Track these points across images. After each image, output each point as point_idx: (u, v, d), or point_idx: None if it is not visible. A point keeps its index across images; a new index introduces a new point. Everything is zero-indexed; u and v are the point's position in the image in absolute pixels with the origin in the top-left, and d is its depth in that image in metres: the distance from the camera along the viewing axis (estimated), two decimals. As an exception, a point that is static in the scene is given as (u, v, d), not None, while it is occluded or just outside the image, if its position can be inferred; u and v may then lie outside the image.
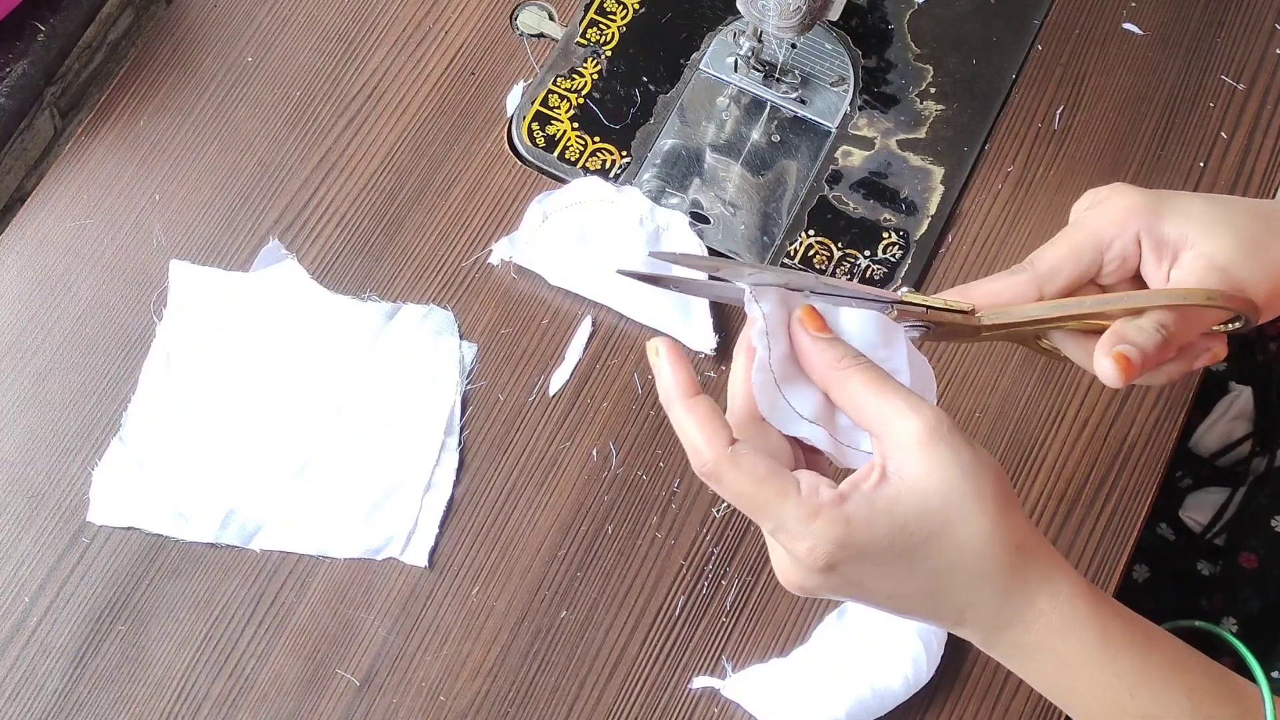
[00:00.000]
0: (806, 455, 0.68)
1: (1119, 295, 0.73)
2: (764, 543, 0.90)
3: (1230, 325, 0.75)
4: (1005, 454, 0.92)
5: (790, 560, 0.64)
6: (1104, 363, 0.71)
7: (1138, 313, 0.72)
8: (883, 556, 0.63)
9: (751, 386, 0.66)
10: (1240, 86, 1.03)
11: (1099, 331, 0.73)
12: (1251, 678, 0.70)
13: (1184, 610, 1.11)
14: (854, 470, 0.65)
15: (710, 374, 0.94)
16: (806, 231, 0.97)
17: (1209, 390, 1.18)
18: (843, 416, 0.67)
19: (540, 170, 0.99)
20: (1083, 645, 0.66)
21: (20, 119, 1.03)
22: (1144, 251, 0.74)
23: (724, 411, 0.65)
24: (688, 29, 1.04)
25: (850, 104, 1.01)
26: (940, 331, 0.72)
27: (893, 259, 0.97)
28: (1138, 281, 0.76)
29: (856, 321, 0.67)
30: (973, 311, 0.72)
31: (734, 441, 0.64)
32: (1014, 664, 0.68)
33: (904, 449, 0.64)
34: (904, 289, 0.71)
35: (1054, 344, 0.76)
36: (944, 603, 0.65)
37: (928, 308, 0.70)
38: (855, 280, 0.68)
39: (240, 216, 0.98)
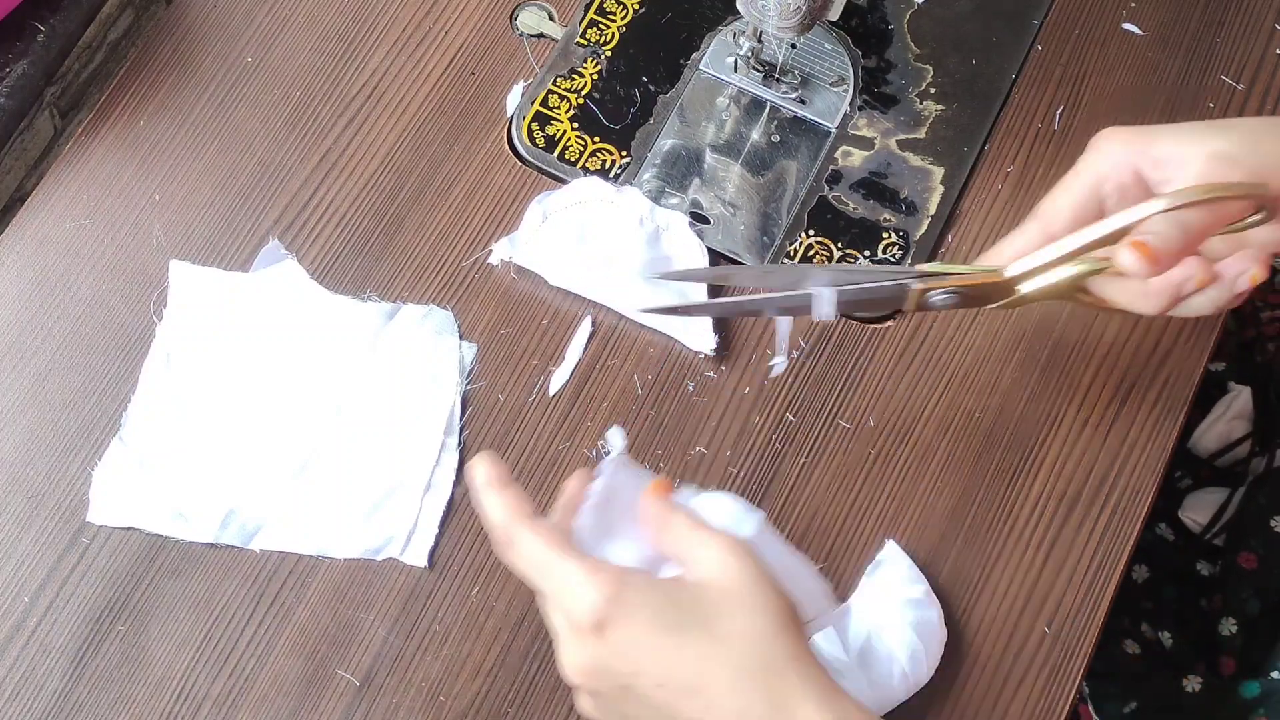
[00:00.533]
0: None
1: (1129, 210, 0.73)
2: (764, 543, 0.90)
3: (1252, 218, 0.75)
4: (1005, 454, 0.92)
5: (568, 627, 0.67)
6: (1125, 254, 0.71)
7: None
8: (651, 623, 0.65)
9: (513, 500, 0.70)
10: (1240, 86, 1.03)
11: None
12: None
13: (1184, 610, 1.11)
14: None
15: (710, 374, 0.94)
16: (806, 231, 0.97)
17: (1208, 390, 1.18)
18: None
19: (540, 170, 0.99)
20: None
21: (20, 119, 1.03)
22: (1145, 175, 0.76)
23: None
24: (688, 29, 1.04)
25: (850, 104, 1.01)
26: (973, 294, 0.73)
27: (893, 259, 0.97)
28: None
29: (717, 510, 0.72)
30: (997, 270, 0.73)
31: (536, 514, 0.69)
32: None
33: (698, 560, 0.67)
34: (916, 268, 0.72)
35: (1095, 294, 0.77)
36: (716, 701, 0.65)
37: (949, 274, 0.71)
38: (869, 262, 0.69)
39: (240, 216, 0.98)
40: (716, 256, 0.96)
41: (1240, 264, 0.77)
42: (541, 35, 1.04)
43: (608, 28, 1.04)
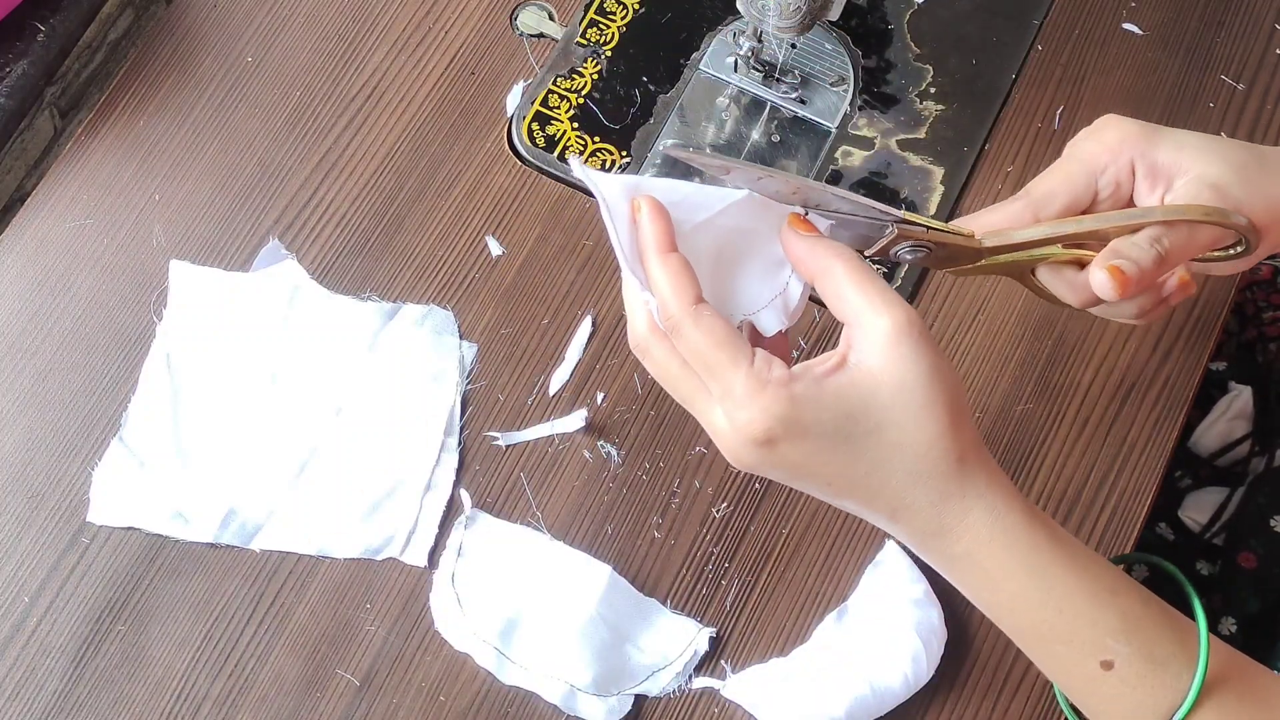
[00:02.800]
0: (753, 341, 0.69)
1: (1117, 213, 0.73)
2: (763, 543, 0.90)
3: (1231, 250, 0.75)
4: (1005, 454, 0.92)
5: (731, 430, 0.65)
6: (1099, 275, 0.71)
7: (1136, 230, 0.72)
8: (821, 440, 0.64)
9: (676, 276, 0.65)
10: (1240, 86, 1.03)
11: (1086, 265, 0.74)
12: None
13: (1182, 610, 1.11)
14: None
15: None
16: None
17: (1209, 390, 1.18)
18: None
19: (540, 170, 0.99)
20: (1012, 560, 0.66)
21: (20, 119, 1.03)
22: (1138, 178, 0.75)
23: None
24: (688, 29, 1.04)
25: (850, 104, 1.01)
26: (942, 254, 0.72)
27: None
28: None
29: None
30: (973, 235, 0.73)
31: (700, 301, 0.64)
32: (944, 573, 0.69)
33: (869, 342, 0.64)
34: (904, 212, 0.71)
35: (1043, 282, 0.77)
36: (879, 496, 0.66)
37: (929, 228, 0.70)
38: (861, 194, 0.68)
39: (240, 216, 0.98)
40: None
41: (1173, 274, 0.77)
42: (541, 35, 1.04)
43: (608, 28, 1.04)
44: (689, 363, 0.66)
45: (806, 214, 0.69)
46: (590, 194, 0.71)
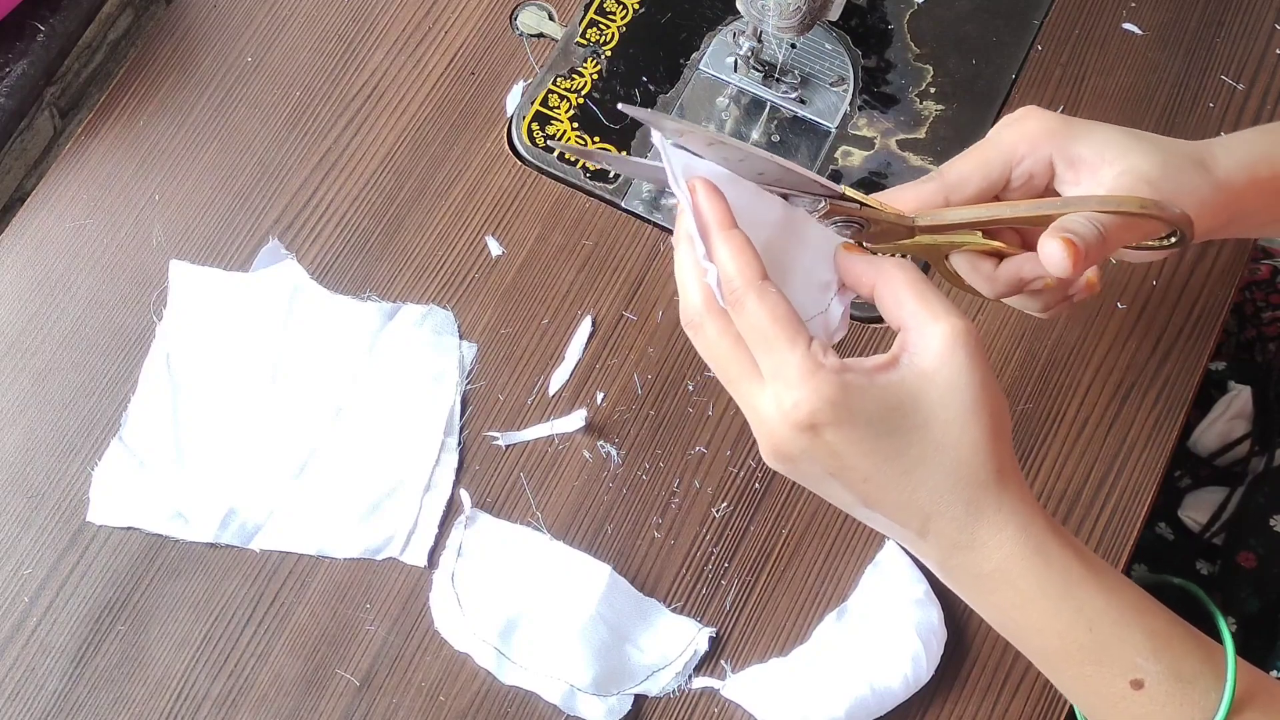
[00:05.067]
0: None
1: (1054, 200, 0.73)
2: (763, 543, 0.90)
3: (1166, 241, 0.75)
4: (1005, 454, 0.92)
5: (777, 412, 0.64)
6: (1051, 245, 0.70)
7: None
8: (867, 430, 0.64)
9: (741, 250, 0.66)
10: (1240, 86, 1.03)
11: (998, 257, 0.74)
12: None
13: (1183, 610, 1.11)
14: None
15: (710, 373, 0.94)
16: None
17: (1208, 390, 1.18)
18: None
19: (540, 170, 0.99)
20: (1044, 579, 0.66)
21: (20, 119, 1.03)
22: (1058, 170, 0.75)
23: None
24: (688, 29, 1.04)
25: (850, 104, 1.01)
26: (873, 231, 0.72)
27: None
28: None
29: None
30: (904, 214, 0.73)
31: (766, 278, 0.65)
32: (969, 593, 0.68)
33: (924, 345, 0.65)
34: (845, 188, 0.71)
35: (956, 268, 0.77)
36: (913, 501, 0.65)
37: (863, 204, 0.71)
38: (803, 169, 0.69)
39: (240, 216, 0.98)
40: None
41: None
42: (541, 35, 1.04)
43: (608, 28, 1.04)
44: (745, 338, 0.66)
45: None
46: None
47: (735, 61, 1.02)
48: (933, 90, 1.02)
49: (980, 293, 0.77)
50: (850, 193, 0.70)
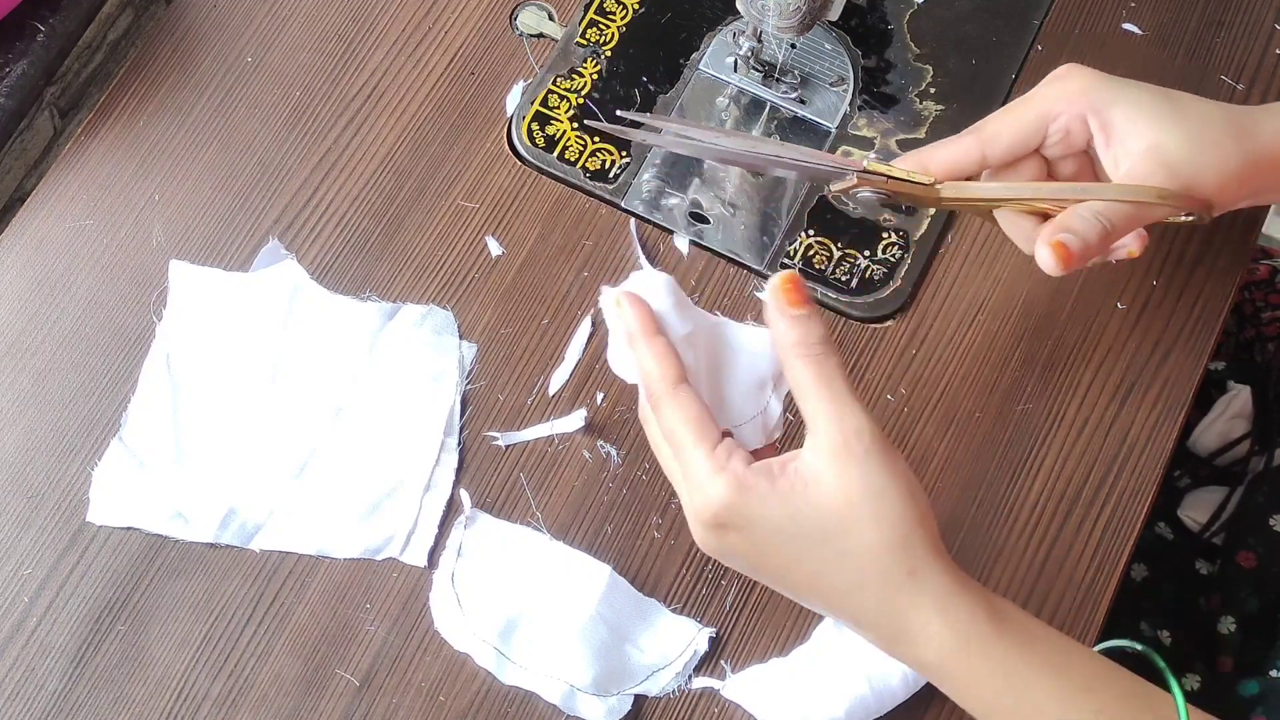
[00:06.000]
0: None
1: (1072, 185, 0.74)
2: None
3: (1184, 218, 0.75)
4: (1005, 454, 0.92)
5: (690, 511, 0.67)
6: (1043, 250, 0.72)
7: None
8: (770, 535, 0.65)
9: (659, 357, 0.70)
10: (1240, 87, 1.03)
11: (1043, 215, 0.75)
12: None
13: (1183, 609, 1.11)
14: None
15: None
16: (806, 231, 0.97)
17: (1208, 390, 1.18)
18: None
19: (540, 170, 0.99)
20: (981, 670, 0.67)
21: (20, 119, 1.03)
22: (1094, 131, 0.76)
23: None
24: (687, 29, 1.04)
25: (850, 104, 1.01)
26: (901, 198, 0.74)
27: (893, 259, 0.97)
28: (1083, 157, 0.76)
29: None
30: (934, 183, 0.74)
31: (681, 381, 0.68)
32: (922, 674, 0.69)
33: (821, 449, 0.66)
34: (871, 156, 0.73)
35: (1001, 224, 0.79)
36: (831, 600, 0.67)
37: (889, 177, 0.72)
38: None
39: (240, 216, 0.98)
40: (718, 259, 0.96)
41: (1124, 239, 0.77)
42: (541, 35, 1.04)
43: (607, 28, 1.04)
44: (666, 439, 0.69)
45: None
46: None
47: (735, 61, 1.02)
48: (933, 90, 1.02)
49: (1022, 249, 0.78)
50: (873, 166, 0.71)
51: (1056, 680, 0.67)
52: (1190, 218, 0.75)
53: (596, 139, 1.00)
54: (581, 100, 1.01)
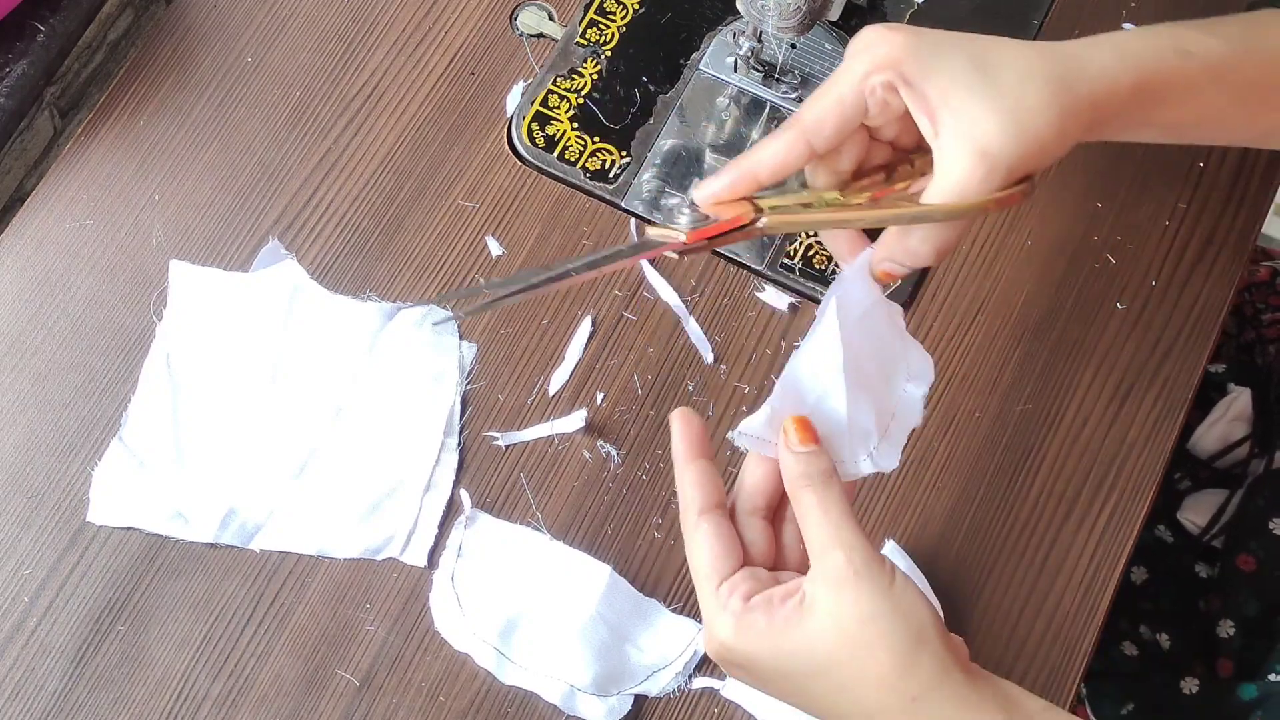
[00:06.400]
0: None
1: (895, 211, 0.71)
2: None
3: (1016, 187, 0.73)
4: (1005, 454, 0.92)
5: (704, 637, 0.68)
6: (871, 275, 0.72)
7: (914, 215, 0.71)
8: (770, 672, 0.66)
9: (691, 485, 0.69)
10: (1239, 87, 1.03)
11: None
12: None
13: (1182, 612, 1.11)
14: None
15: (710, 374, 0.94)
16: (806, 231, 0.97)
17: (1208, 392, 1.18)
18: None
19: (540, 170, 0.99)
20: None
21: (20, 119, 1.03)
22: (909, 104, 0.71)
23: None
24: (687, 29, 1.04)
25: (850, 105, 1.01)
26: (724, 242, 0.72)
27: (892, 259, 0.97)
28: (906, 120, 0.72)
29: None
30: (752, 221, 0.71)
31: (708, 510, 0.68)
32: None
33: (818, 576, 0.65)
34: (687, 213, 0.71)
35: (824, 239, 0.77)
36: None
37: (711, 237, 0.70)
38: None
39: (240, 216, 0.98)
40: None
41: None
42: (541, 35, 1.04)
43: (607, 28, 1.04)
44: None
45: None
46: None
47: (735, 61, 1.02)
48: (932, 91, 1.02)
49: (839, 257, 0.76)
50: (662, 234, 0.70)
51: None
52: (1021, 186, 0.73)
53: (596, 138, 1.00)
54: (581, 100, 1.01)
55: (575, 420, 0.92)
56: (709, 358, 0.94)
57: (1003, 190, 0.69)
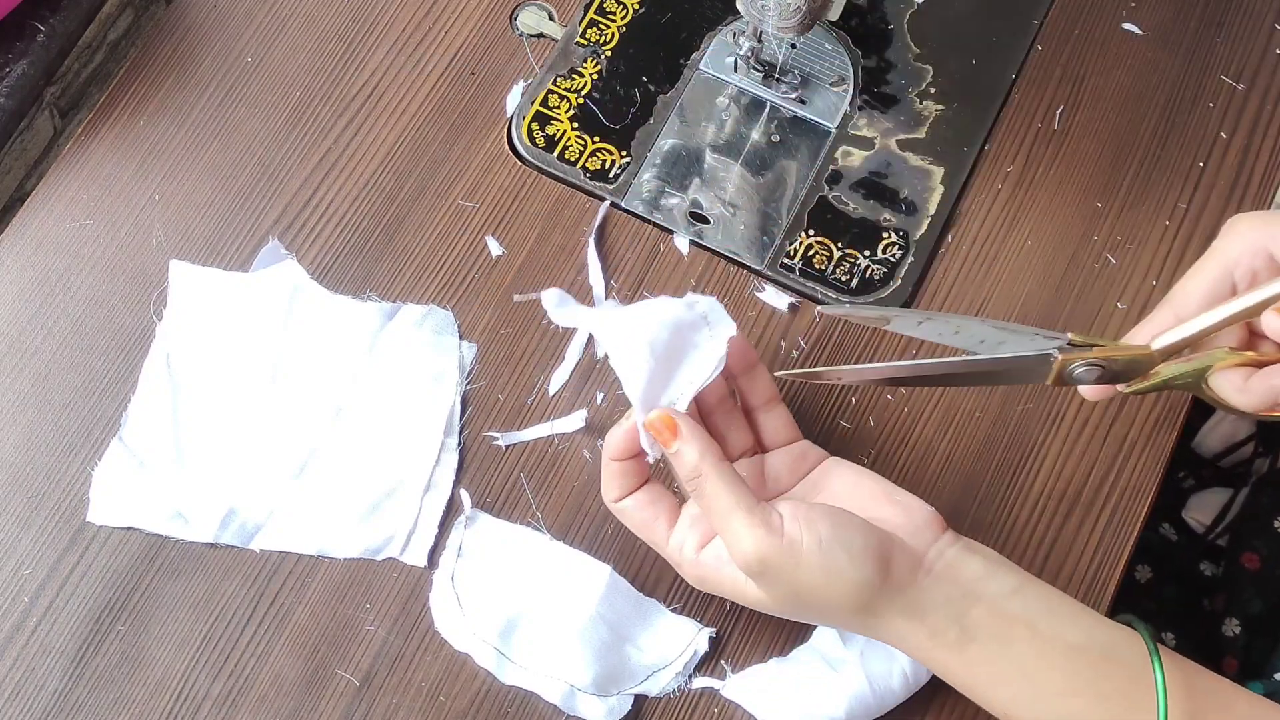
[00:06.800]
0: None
1: (1267, 286, 0.74)
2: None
3: None
4: (1005, 454, 0.92)
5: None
6: (1270, 316, 0.75)
7: None
8: (793, 588, 0.76)
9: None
10: (1240, 86, 1.02)
11: (1255, 365, 0.76)
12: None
13: (1186, 611, 1.11)
14: None
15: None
16: (806, 231, 0.97)
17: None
18: None
19: (540, 170, 0.99)
20: (956, 679, 0.78)
21: (20, 119, 1.03)
22: (1278, 257, 0.78)
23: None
24: (687, 29, 1.04)
25: (850, 104, 1.01)
26: (1115, 371, 0.78)
27: (893, 259, 0.97)
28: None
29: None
30: (1146, 346, 0.76)
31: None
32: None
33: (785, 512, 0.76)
34: (1067, 335, 0.78)
35: (1210, 387, 0.79)
36: (831, 619, 0.79)
37: (1095, 345, 0.75)
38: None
39: (240, 216, 0.98)
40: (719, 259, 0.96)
41: None
42: (541, 35, 1.04)
43: (608, 28, 1.04)
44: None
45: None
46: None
47: (735, 61, 1.02)
48: (933, 90, 1.02)
49: (1243, 410, 0.79)
50: (1078, 337, 0.73)
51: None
52: None
53: (596, 138, 1.00)
54: (581, 100, 1.01)
55: (575, 420, 0.92)
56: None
57: None
